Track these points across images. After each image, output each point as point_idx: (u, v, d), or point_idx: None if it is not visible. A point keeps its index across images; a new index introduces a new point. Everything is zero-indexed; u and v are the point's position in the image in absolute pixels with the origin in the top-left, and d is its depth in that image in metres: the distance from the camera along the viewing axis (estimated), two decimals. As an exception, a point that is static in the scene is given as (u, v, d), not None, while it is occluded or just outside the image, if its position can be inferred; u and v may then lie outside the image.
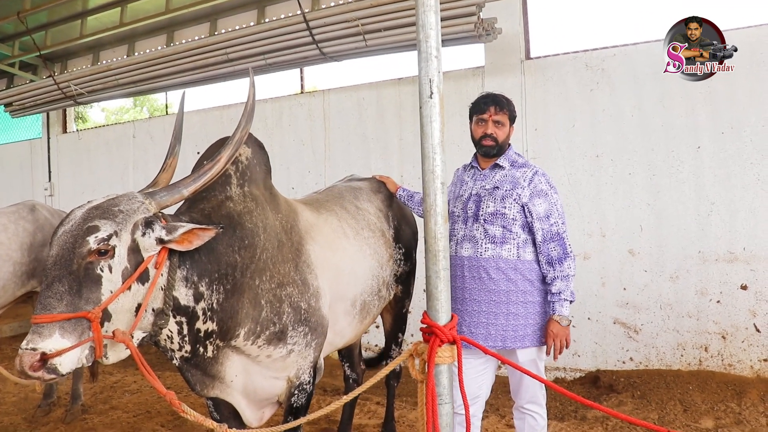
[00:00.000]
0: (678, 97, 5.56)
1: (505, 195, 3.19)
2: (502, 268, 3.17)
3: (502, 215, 3.17)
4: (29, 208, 5.03)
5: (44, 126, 9.90)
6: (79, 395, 5.33)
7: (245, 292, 2.76)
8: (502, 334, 3.16)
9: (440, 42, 1.98)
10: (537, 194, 3.18)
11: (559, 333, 3.11)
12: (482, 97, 3.39)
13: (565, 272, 3.14)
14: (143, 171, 8.77)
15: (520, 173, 3.25)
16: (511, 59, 6.28)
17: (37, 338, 2.09)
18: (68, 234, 2.25)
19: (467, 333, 3.21)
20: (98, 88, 7.95)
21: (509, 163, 3.31)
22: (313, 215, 3.47)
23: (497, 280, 3.17)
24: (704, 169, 5.50)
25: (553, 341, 3.12)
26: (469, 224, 3.27)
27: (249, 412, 3.12)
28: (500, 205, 3.19)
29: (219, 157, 2.63)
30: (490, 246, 3.19)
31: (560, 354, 3.15)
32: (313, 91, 7.62)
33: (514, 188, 3.20)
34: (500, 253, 3.18)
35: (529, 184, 3.20)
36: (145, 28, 8.33)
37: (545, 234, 3.16)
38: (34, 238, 4.84)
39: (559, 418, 4.92)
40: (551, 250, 3.16)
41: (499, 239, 3.18)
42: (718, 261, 5.46)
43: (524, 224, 3.19)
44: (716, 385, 5.28)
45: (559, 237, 3.16)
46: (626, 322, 5.77)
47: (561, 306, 3.13)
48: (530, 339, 3.18)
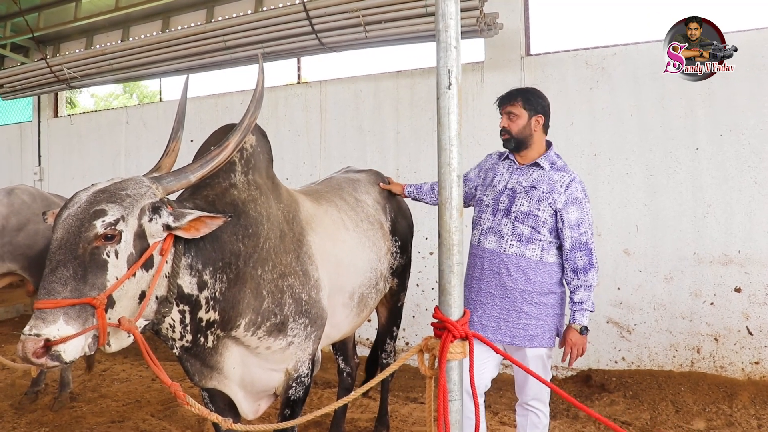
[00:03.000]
0: (677, 98, 5.56)
1: (541, 197, 3.17)
2: (523, 267, 3.17)
3: (534, 216, 3.16)
4: (6, 192, 5.02)
5: (35, 109, 9.74)
6: (67, 383, 5.27)
7: (247, 281, 2.73)
8: (512, 330, 3.18)
9: (459, 32, 1.95)
10: (572, 202, 3.16)
11: (578, 342, 3.14)
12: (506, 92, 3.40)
13: (589, 282, 3.15)
14: (135, 158, 8.68)
15: (558, 176, 3.22)
16: (511, 55, 6.25)
17: (40, 324, 2.03)
18: (74, 217, 2.19)
19: (477, 323, 3.24)
20: (92, 73, 7.85)
21: (549, 164, 3.27)
22: (314, 206, 3.44)
23: (516, 278, 3.17)
24: (702, 171, 5.50)
25: (570, 349, 3.15)
26: (497, 217, 3.26)
27: (245, 404, 3.09)
28: (534, 206, 3.17)
29: (227, 143, 2.58)
30: (515, 243, 3.19)
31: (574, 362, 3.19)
32: (309, 81, 7.55)
33: (551, 192, 3.17)
34: (524, 252, 3.18)
35: (565, 190, 3.17)
36: (141, 13, 8.24)
37: (574, 242, 3.16)
38: (7, 222, 4.85)
39: (551, 417, 4.91)
40: (578, 259, 3.15)
41: (526, 238, 3.18)
42: (712, 263, 5.47)
43: (553, 228, 3.18)
44: (708, 386, 5.30)
45: (587, 247, 3.16)
46: (619, 322, 5.77)
47: (582, 316, 3.15)
48: (539, 340, 3.20)
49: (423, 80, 6.70)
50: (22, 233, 4.88)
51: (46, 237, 4.81)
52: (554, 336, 3.26)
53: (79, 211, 2.20)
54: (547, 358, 3.28)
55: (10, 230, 4.84)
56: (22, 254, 4.88)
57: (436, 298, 6.57)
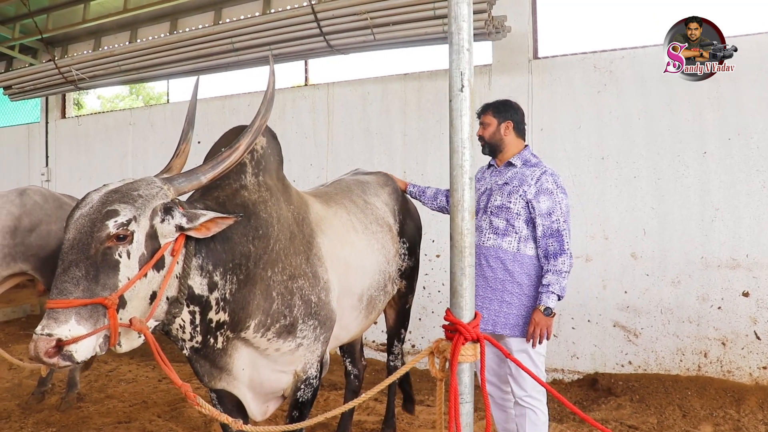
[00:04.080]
0: (685, 102, 5.55)
1: (512, 191, 3.44)
2: (501, 257, 3.41)
3: (506, 209, 3.41)
4: (19, 192, 5.04)
5: (43, 110, 9.77)
6: (75, 383, 5.28)
7: (257, 283, 2.73)
8: (493, 319, 3.39)
9: (472, 34, 1.95)
10: (542, 192, 3.40)
11: (540, 322, 3.29)
12: None
13: (558, 267, 3.32)
14: (142, 159, 8.70)
15: (530, 172, 3.48)
16: (519, 58, 6.25)
17: (52, 323, 2.04)
18: (86, 218, 2.20)
19: None
20: (100, 74, 7.88)
21: (522, 162, 3.56)
22: (323, 208, 3.44)
23: (495, 269, 3.41)
24: (710, 175, 5.49)
25: (534, 328, 3.29)
26: (478, 216, 3.52)
27: (254, 405, 3.09)
28: (506, 200, 3.43)
29: (238, 145, 2.59)
30: (492, 236, 3.45)
31: (539, 343, 3.33)
32: (317, 83, 7.56)
33: (521, 185, 3.43)
34: (501, 244, 3.42)
35: (536, 182, 3.42)
36: (149, 14, 8.26)
37: (545, 229, 3.37)
38: (20, 222, 4.86)
39: (557, 420, 4.91)
40: (549, 245, 3.36)
41: (502, 231, 3.43)
42: (720, 267, 5.45)
43: (528, 220, 3.41)
44: (715, 391, 5.28)
45: (558, 234, 3.36)
46: (626, 326, 5.76)
47: (547, 297, 3.30)
48: (521, 329, 3.38)
49: (430, 82, 6.70)
50: (34, 234, 4.90)
51: (58, 238, 4.83)
52: None
53: (92, 211, 2.21)
54: (534, 354, 3.38)
55: (22, 231, 4.86)
56: (34, 255, 4.89)
57: (443, 300, 6.58)
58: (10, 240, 4.80)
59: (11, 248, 4.81)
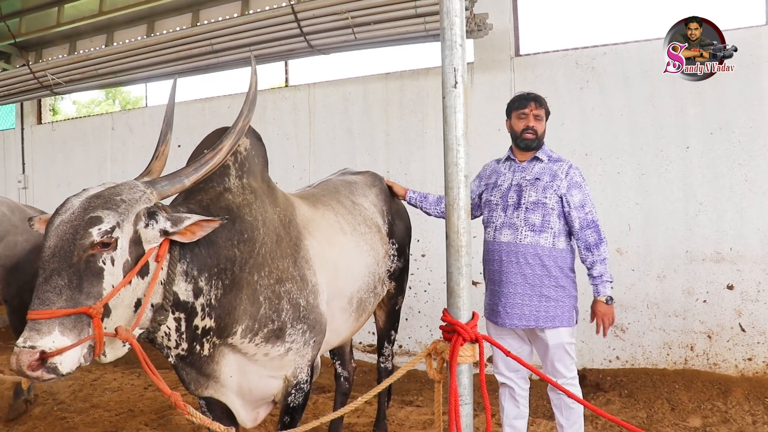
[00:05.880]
0: (667, 97, 5.57)
1: (546, 186, 3.46)
2: (539, 254, 3.43)
3: (542, 204, 3.43)
4: None
5: (18, 116, 9.57)
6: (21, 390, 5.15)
7: (243, 287, 2.67)
8: (534, 314, 3.42)
9: (464, 30, 1.91)
10: (573, 186, 3.47)
11: (606, 312, 3.42)
12: (521, 95, 3.68)
13: (602, 256, 3.43)
14: (121, 164, 8.56)
15: (557, 166, 3.53)
16: (501, 56, 6.24)
17: (35, 335, 1.96)
18: (67, 224, 2.12)
19: (503, 313, 3.49)
20: (76, 78, 7.73)
21: (547, 157, 3.59)
22: (310, 210, 3.39)
23: (533, 265, 3.43)
24: (693, 169, 5.52)
25: (601, 320, 3.42)
26: (509, 212, 3.51)
27: (243, 412, 3.03)
28: (542, 195, 3.45)
29: (221, 146, 2.53)
30: (529, 233, 3.45)
31: (607, 332, 3.45)
32: (298, 84, 7.50)
33: (553, 180, 3.47)
34: (538, 241, 3.43)
35: (566, 176, 3.48)
36: (125, 17, 8.15)
37: (582, 222, 3.44)
38: None
39: (548, 417, 4.89)
40: (588, 236, 3.43)
41: (538, 227, 3.44)
42: (705, 261, 5.48)
43: (560, 214, 3.46)
44: (702, 384, 5.31)
45: (594, 224, 3.45)
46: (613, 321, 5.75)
47: (604, 287, 3.44)
48: (560, 320, 3.43)
49: (412, 82, 6.67)
50: (1, 245, 4.82)
51: (24, 249, 4.85)
52: (573, 315, 3.48)
53: (73, 217, 2.13)
54: (569, 344, 3.47)
55: None
56: (1, 265, 4.82)
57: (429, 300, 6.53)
58: None
59: None
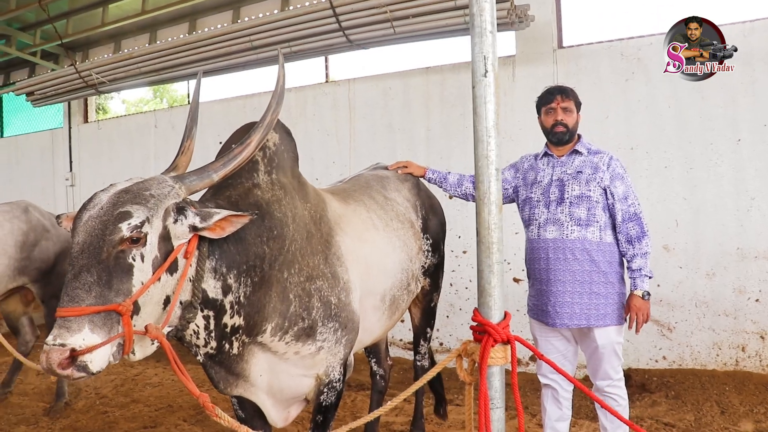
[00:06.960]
0: (716, 88, 5.36)
1: (589, 179, 3.38)
2: (587, 249, 3.34)
3: (587, 198, 3.35)
4: (22, 209, 5.18)
5: (65, 115, 9.81)
6: (63, 392, 5.33)
7: (273, 285, 2.63)
8: (585, 312, 3.33)
9: (495, 16, 1.83)
10: (616, 177, 3.38)
11: (642, 307, 3.31)
12: (547, 89, 3.61)
13: (644, 249, 3.33)
14: (165, 161, 8.63)
15: (597, 158, 3.43)
16: (543, 48, 6.10)
17: (65, 333, 1.93)
18: (96, 220, 2.09)
19: (552, 312, 3.39)
20: (120, 77, 7.86)
21: (586, 149, 3.49)
22: (342, 205, 3.33)
23: (581, 261, 3.34)
24: (744, 162, 5.30)
25: (636, 315, 3.31)
26: (552, 208, 3.43)
27: (274, 412, 2.99)
28: (585, 188, 3.37)
29: (249, 141, 2.49)
30: (575, 228, 3.36)
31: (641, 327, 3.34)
32: (338, 80, 7.47)
33: (595, 172, 3.38)
34: (585, 235, 3.35)
35: (608, 168, 3.39)
36: (167, 15, 8.26)
37: (624, 214, 3.35)
38: (27, 238, 5.04)
39: (591, 418, 4.76)
40: (630, 229, 3.34)
41: (584, 221, 3.36)
42: (757, 258, 5.26)
43: (605, 206, 3.37)
44: (754, 386, 5.10)
45: (636, 217, 3.35)
46: (660, 320, 5.58)
47: (642, 281, 3.32)
48: (610, 318, 3.34)
49: (453, 75, 6.58)
50: (37, 248, 5.06)
51: (56, 252, 5.15)
52: (622, 313, 3.38)
53: (102, 213, 2.10)
54: (617, 344, 3.39)
55: (29, 246, 5.03)
56: (37, 268, 5.07)
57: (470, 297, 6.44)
58: (20, 254, 4.97)
59: (19, 262, 4.97)
